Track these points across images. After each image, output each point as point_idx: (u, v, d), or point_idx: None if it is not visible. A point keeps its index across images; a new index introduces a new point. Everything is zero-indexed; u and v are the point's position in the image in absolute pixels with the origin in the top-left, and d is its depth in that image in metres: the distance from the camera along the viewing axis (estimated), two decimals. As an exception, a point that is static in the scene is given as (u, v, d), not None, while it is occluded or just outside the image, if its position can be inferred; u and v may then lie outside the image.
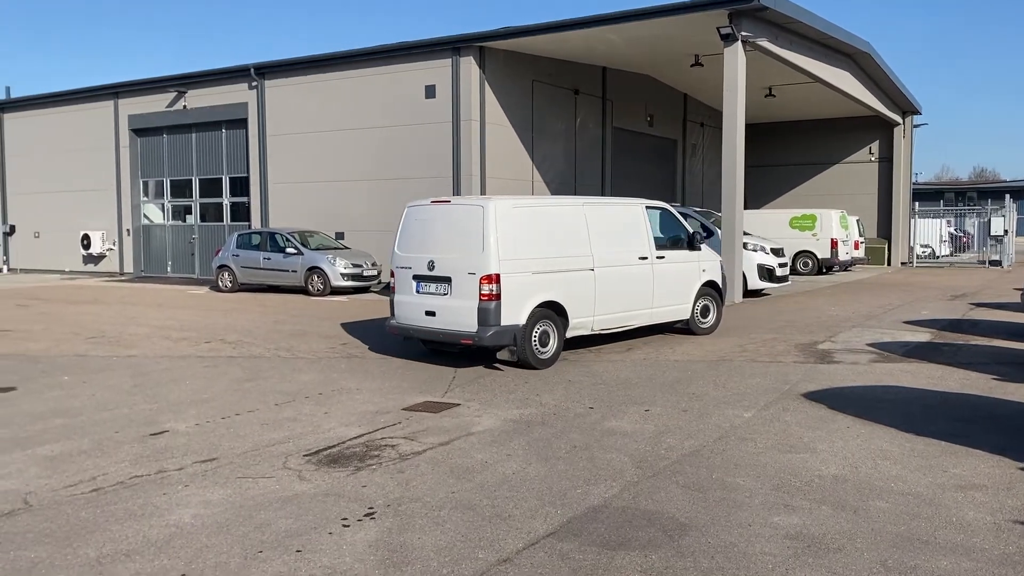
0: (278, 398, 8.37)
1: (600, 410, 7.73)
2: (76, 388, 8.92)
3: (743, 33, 16.77)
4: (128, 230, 26.69)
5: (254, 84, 23.20)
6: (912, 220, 32.25)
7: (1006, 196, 33.71)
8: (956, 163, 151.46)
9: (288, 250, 19.74)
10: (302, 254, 19.49)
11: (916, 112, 31.71)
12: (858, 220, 28.29)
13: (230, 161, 24.70)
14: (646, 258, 11.05)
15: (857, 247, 27.51)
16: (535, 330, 9.62)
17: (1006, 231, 30.74)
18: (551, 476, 5.76)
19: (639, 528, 4.80)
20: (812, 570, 4.21)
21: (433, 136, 20.04)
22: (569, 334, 10.14)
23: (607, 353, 10.86)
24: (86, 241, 26.92)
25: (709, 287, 12.19)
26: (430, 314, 9.83)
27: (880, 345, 11.26)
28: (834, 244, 25.46)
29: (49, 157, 27.95)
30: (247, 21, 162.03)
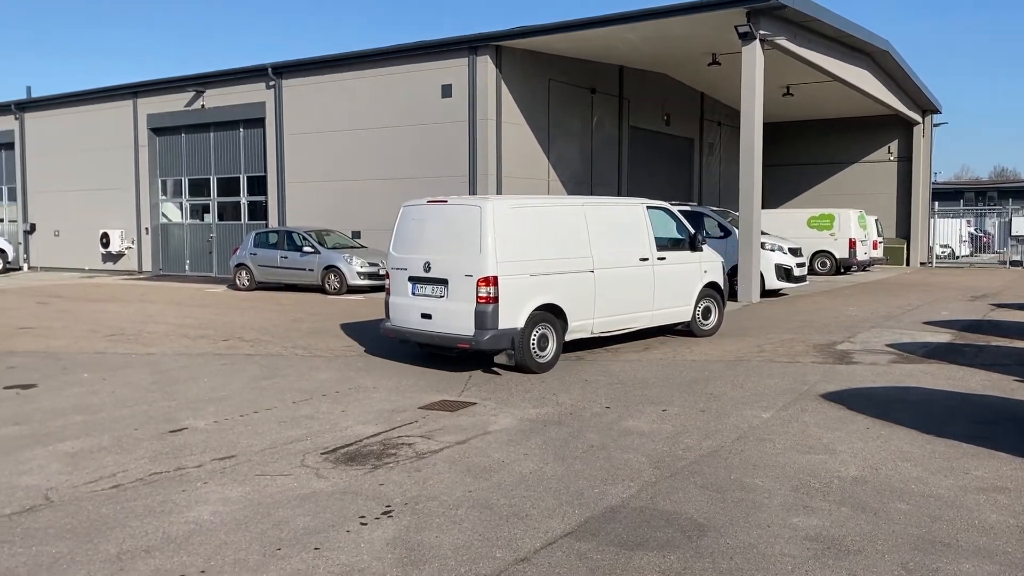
0: (295, 396, 8.40)
1: (617, 410, 7.70)
2: (96, 385, 9.00)
3: (761, 32, 16.68)
4: (147, 229, 26.89)
5: (271, 84, 23.31)
6: (931, 220, 31.96)
7: (1027, 196, 33.37)
8: (976, 162, 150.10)
9: (305, 249, 19.81)
10: (319, 253, 19.56)
11: (936, 111, 31.44)
12: (877, 220, 28.06)
13: (248, 160, 24.83)
14: (647, 259, 10.85)
15: (875, 247, 27.30)
16: (534, 333, 9.36)
17: (1027, 231, 30.44)
18: (568, 475, 5.75)
19: (657, 528, 4.78)
20: (832, 572, 4.18)
21: (449, 135, 20.07)
22: (568, 337, 9.90)
23: (624, 352, 10.83)
24: (105, 240, 27.14)
25: (711, 288, 12.01)
26: (426, 317, 9.61)
27: (900, 346, 11.17)
28: (852, 244, 25.28)
29: (69, 156, 28.21)
30: (263, 21, 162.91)
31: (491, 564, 4.32)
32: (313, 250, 19.67)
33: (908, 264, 30.65)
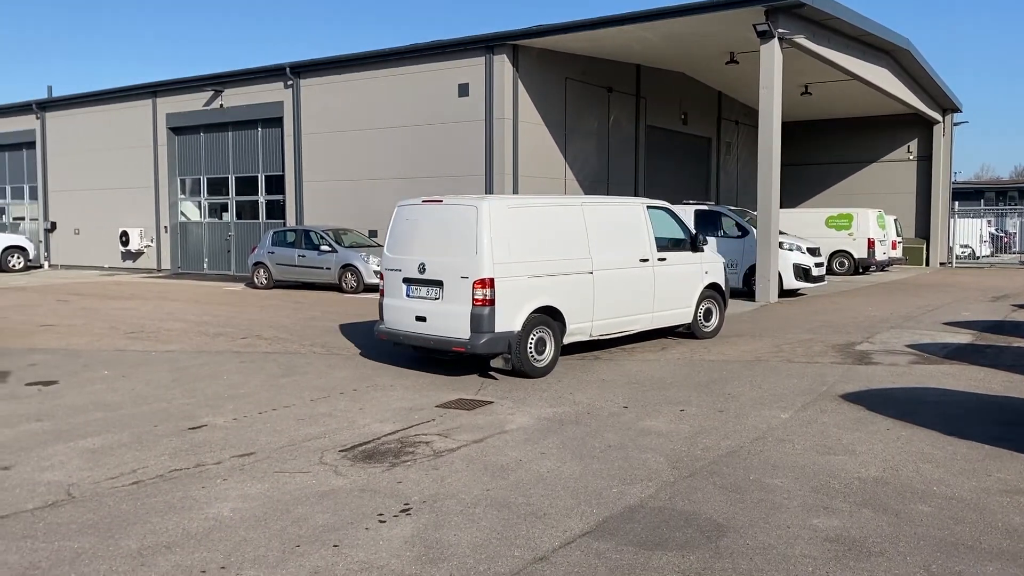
0: (313, 394, 8.43)
1: (634, 409, 7.68)
2: (116, 382, 9.07)
3: (780, 30, 16.58)
4: (165, 227, 27.08)
5: (289, 83, 23.41)
6: (951, 220, 31.68)
7: (1049, 196, 33.02)
8: (997, 162, 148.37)
9: (322, 248, 19.89)
10: (336, 252, 19.63)
11: (956, 109, 31.12)
12: (896, 220, 27.85)
13: (266, 159, 24.95)
14: (647, 260, 10.62)
15: (895, 247, 27.10)
16: (531, 337, 9.10)
17: (1049, 231, 30.11)
18: (586, 475, 5.74)
19: (676, 528, 4.76)
20: (853, 574, 4.15)
21: (466, 134, 20.08)
22: (566, 340, 9.66)
23: (641, 352, 10.80)
24: (124, 238, 27.36)
25: (712, 289, 11.83)
26: (420, 319, 9.34)
27: (920, 346, 11.08)
28: (871, 244, 25.10)
29: (89, 155, 28.46)
30: (281, 22, 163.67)
31: (509, 563, 4.32)
32: (330, 249, 19.74)
33: (927, 264, 30.39)
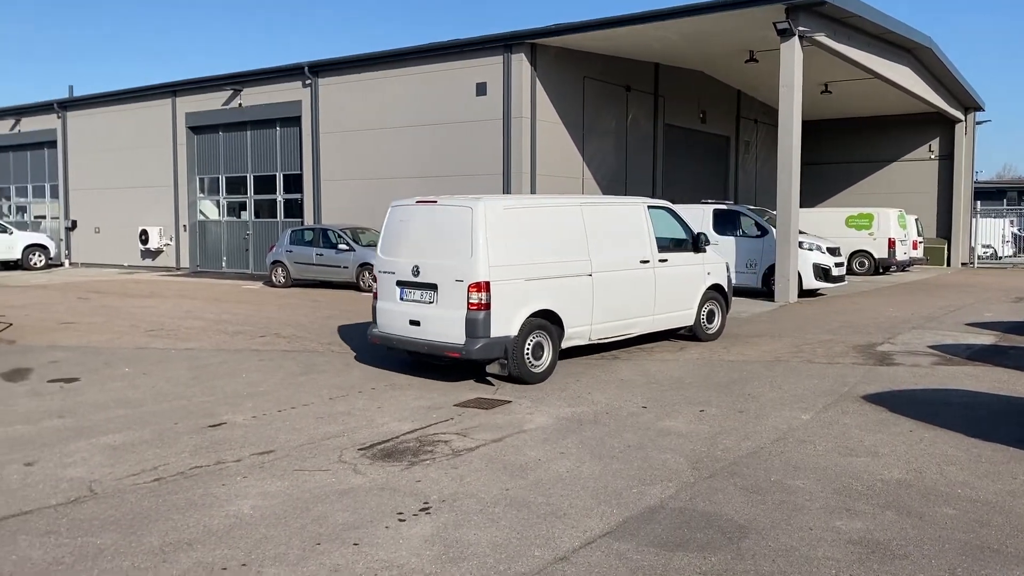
0: (332, 392, 8.46)
1: (654, 410, 7.65)
2: (137, 379, 9.13)
3: (800, 28, 16.46)
4: (184, 226, 27.26)
5: (308, 82, 23.49)
6: (973, 219, 31.32)
7: (1073, 195, 32.60)
8: (1020, 161, 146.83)
9: (340, 246, 19.94)
10: (354, 250, 19.67)
11: (979, 108, 30.79)
12: (916, 219, 27.56)
13: (284, 158, 25.06)
14: (648, 261, 10.37)
15: (915, 247, 26.82)
16: (528, 341, 8.81)
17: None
18: (605, 475, 5.71)
19: (697, 529, 4.73)
20: (877, 577, 4.10)
21: (484, 133, 20.06)
22: (564, 344, 9.39)
23: (659, 352, 10.75)
24: (144, 236, 27.56)
25: (714, 291, 11.60)
26: (414, 324, 9.07)
27: (942, 347, 10.96)
28: (891, 244, 24.87)
29: (109, 154, 28.69)
30: (299, 21, 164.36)
31: (530, 562, 4.30)
32: (348, 248, 19.79)
33: (949, 264, 30.09)
